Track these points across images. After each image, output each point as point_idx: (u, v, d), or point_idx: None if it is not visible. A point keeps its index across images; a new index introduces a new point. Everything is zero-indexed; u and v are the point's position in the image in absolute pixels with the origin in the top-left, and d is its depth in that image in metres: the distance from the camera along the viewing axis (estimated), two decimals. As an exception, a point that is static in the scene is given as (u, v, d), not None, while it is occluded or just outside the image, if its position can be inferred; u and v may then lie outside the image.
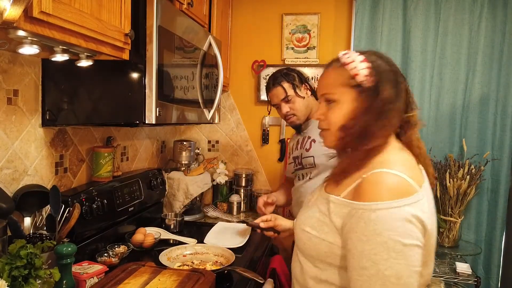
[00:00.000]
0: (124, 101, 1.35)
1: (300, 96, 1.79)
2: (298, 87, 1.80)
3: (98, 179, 1.66)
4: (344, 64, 0.96)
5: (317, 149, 1.73)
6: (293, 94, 1.78)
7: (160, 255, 1.53)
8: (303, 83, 1.82)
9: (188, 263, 1.55)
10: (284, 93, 1.78)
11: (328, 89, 0.98)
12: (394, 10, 2.39)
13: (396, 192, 0.83)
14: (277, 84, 1.81)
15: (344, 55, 0.98)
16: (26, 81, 1.34)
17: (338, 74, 0.97)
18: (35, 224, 1.36)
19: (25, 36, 0.92)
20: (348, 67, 0.94)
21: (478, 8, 2.31)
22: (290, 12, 2.59)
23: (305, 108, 1.80)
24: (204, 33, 1.79)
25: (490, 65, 2.32)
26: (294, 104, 1.79)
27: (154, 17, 1.30)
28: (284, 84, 1.79)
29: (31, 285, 0.97)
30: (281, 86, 1.79)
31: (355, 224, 0.84)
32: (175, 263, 1.53)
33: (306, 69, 2.57)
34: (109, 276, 1.26)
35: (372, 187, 0.86)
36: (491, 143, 2.34)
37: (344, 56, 0.97)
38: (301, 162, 1.81)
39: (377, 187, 0.85)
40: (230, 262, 1.50)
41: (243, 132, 2.74)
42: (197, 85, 1.71)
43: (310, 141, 1.79)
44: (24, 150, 1.35)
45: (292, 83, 1.79)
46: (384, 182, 0.86)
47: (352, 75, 0.94)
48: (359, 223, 0.83)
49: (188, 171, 2.32)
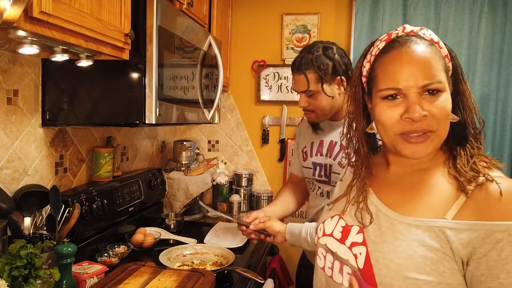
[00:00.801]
0: (124, 101, 1.35)
1: (327, 94, 1.38)
2: (328, 82, 1.37)
3: (98, 179, 1.66)
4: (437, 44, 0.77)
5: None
6: (318, 89, 1.38)
7: (160, 255, 1.53)
8: (338, 76, 1.38)
9: (188, 263, 1.55)
10: (306, 84, 1.38)
11: (432, 76, 0.73)
12: (394, 10, 2.39)
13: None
14: (301, 71, 1.39)
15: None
16: (26, 81, 1.34)
17: (439, 56, 0.76)
18: (35, 224, 1.36)
19: (25, 36, 0.92)
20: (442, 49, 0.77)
21: (478, 8, 2.31)
22: (290, 12, 2.59)
23: (329, 108, 1.42)
24: (204, 33, 1.79)
25: (490, 65, 2.32)
26: (316, 101, 1.40)
27: (154, 17, 1.30)
28: (310, 73, 1.37)
29: (31, 285, 0.97)
30: (304, 74, 1.38)
31: (499, 252, 0.64)
32: (175, 263, 1.53)
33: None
34: (109, 276, 1.26)
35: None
36: (491, 143, 2.34)
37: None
38: (328, 176, 1.46)
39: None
40: (230, 262, 1.50)
41: (243, 132, 2.74)
42: (197, 85, 1.71)
43: (333, 146, 1.45)
44: (24, 150, 1.35)
45: (321, 75, 1.36)
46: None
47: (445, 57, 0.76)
48: (508, 249, 0.63)
49: (188, 171, 2.32)
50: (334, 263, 0.84)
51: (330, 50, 1.40)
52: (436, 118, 0.72)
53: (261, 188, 2.70)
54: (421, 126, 0.72)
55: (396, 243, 0.73)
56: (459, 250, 0.67)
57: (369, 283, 0.75)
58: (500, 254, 0.64)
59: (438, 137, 0.73)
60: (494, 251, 0.65)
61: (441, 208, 0.71)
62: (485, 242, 0.65)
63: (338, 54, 1.40)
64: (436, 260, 0.69)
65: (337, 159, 1.44)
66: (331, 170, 1.45)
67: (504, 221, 0.65)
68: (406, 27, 0.80)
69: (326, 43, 1.43)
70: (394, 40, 0.78)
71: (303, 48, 1.45)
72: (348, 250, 0.81)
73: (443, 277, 0.68)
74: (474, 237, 0.66)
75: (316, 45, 1.41)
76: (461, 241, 0.67)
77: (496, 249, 0.64)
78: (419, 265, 0.70)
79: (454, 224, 0.69)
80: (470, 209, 0.69)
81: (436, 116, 0.72)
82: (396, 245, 0.73)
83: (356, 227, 0.81)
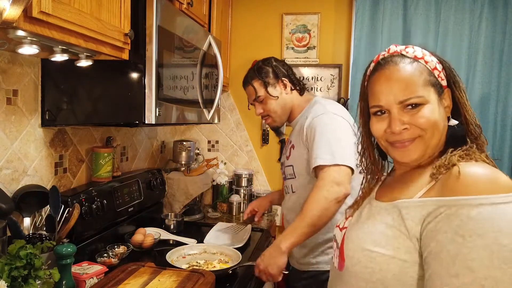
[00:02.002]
0: (123, 101, 1.35)
1: (273, 96, 1.55)
2: (271, 85, 1.56)
3: (98, 179, 1.66)
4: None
5: (296, 156, 1.52)
6: (264, 94, 1.56)
7: (167, 254, 1.52)
8: (279, 79, 1.56)
9: (193, 263, 1.54)
10: (254, 93, 1.58)
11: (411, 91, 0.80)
12: (394, 10, 2.39)
13: (502, 184, 0.68)
14: (247, 83, 1.60)
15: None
16: (25, 81, 1.33)
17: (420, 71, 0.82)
18: (34, 225, 1.36)
19: (24, 36, 0.92)
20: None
21: (478, 8, 2.31)
22: (290, 12, 2.59)
23: (280, 109, 1.58)
24: (204, 33, 1.79)
25: (491, 65, 2.32)
26: (267, 105, 1.57)
27: (153, 17, 1.30)
28: (255, 82, 1.57)
29: (30, 285, 0.97)
30: (251, 85, 1.58)
31: (445, 224, 0.68)
32: (181, 263, 1.52)
33: (306, 69, 2.57)
34: (108, 277, 1.26)
35: (469, 178, 0.70)
36: (491, 143, 2.33)
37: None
38: (284, 172, 1.62)
39: (477, 178, 0.70)
40: (235, 262, 1.50)
41: (243, 132, 2.74)
42: (197, 85, 1.71)
43: (290, 147, 1.57)
44: (24, 150, 1.34)
45: (264, 80, 1.55)
46: (485, 173, 0.71)
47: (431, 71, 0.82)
48: (453, 221, 0.67)
49: (188, 171, 2.32)
50: (336, 252, 0.93)
51: (268, 60, 1.61)
52: (420, 128, 0.79)
53: (261, 188, 2.70)
54: (402, 137, 0.80)
55: (365, 222, 0.84)
56: (412, 227, 0.73)
57: (341, 258, 0.86)
58: (436, 225, 0.69)
59: (424, 142, 0.80)
60: (433, 223, 0.70)
61: (413, 194, 0.78)
62: (429, 216, 0.71)
63: (275, 62, 1.61)
64: (391, 236, 0.75)
65: (285, 153, 1.61)
66: (284, 165, 1.60)
67: (452, 196, 0.69)
68: (391, 48, 0.86)
69: (265, 59, 1.65)
70: (379, 61, 0.86)
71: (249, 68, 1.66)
72: (340, 233, 0.93)
73: (398, 253, 0.74)
74: (424, 213, 0.72)
75: (256, 62, 1.64)
76: (413, 218, 0.73)
77: (435, 220, 0.69)
78: (376, 238, 0.78)
79: (406, 202, 0.76)
80: (433, 191, 0.75)
81: (420, 126, 0.79)
82: (364, 223, 0.84)
83: (350, 218, 0.93)
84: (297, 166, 1.51)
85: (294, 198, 1.53)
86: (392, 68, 0.82)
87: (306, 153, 1.46)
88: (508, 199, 0.66)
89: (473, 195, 0.67)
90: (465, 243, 0.65)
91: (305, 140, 1.47)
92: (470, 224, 0.65)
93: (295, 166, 1.52)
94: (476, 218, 0.65)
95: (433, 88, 0.80)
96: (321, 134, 1.40)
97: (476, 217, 0.65)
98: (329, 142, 1.37)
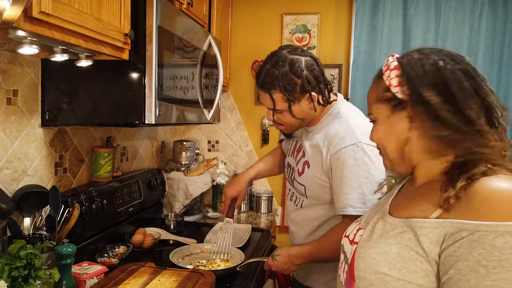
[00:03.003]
0: (123, 101, 1.35)
1: (295, 115, 1.29)
2: (296, 100, 1.26)
3: (98, 179, 1.66)
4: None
5: (310, 178, 1.32)
6: (285, 108, 1.28)
7: (170, 255, 1.52)
8: (307, 93, 1.25)
9: (195, 263, 1.54)
10: (271, 103, 1.29)
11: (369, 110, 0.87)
12: (394, 10, 2.39)
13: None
14: (265, 89, 1.27)
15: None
16: (25, 81, 1.33)
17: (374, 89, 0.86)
18: (34, 225, 1.36)
19: (24, 36, 0.92)
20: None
21: (478, 8, 2.31)
22: (290, 12, 2.59)
23: (299, 123, 1.34)
24: (204, 33, 1.79)
25: (491, 65, 2.32)
26: (285, 117, 1.32)
27: (153, 17, 1.30)
28: (275, 93, 1.26)
29: (30, 285, 0.97)
30: (269, 94, 1.27)
31: (466, 250, 0.62)
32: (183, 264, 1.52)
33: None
34: (109, 277, 1.26)
35: (496, 198, 0.63)
36: (491, 143, 2.34)
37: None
38: (293, 182, 1.44)
39: (505, 199, 0.63)
40: (238, 262, 1.50)
41: (243, 132, 2.74)
42: (197, 85, 1.71)
43: (304, 163, 1.36)
44: (24, 150, 1.34)
45: (288, 96, 1.25)
46: (511, 191, 0.63)
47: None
48: (475, 249, 0.61)
49: (188, 171, 2.32)
50: (343, 265, 0.88)
51: (298, 64, 1.23)
52: (377, 143, 0.84)
53: (261, 188, 2.70)
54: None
55: (379, 240, 0.76)
56: (431, 249, 0.67)
57: (351, 277, 0.80)
58: (456, 250, 0.63)
59: (385, 156, 0.83)
60: (452, 247, 0.64)
61: (430, 211, 0.71)
62: (449, 238, 0.65)
63: (307, 68, 1.25)
64: (408, 258, 0.69)
65: (298, 166, 1.39)
66: (294, 177, 1.41)
67: (475, 220, 0.63)
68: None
69: (293, 54, 1.26)
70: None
71: (267, 58, 1.29)
72: (350, 247, 0.86)
73: (414, 277, 0.68)
74: (442, 234, 0.66)
75: (281, 58, 1.25)
76: (430, 239, 0.67)
77: (455, 245, 0.64)
78: (391, 261, 0.71)
79: (421, 222, 0.70)
80: (454, 209, 0.67)
81: (376, 142, 0.84)
82: (378, 242, 0.76)
83: (362, 230, 0.86)
84: (310, 189, 1.34)
85: (301, 212, 1.40)
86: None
87: (325, 182, 1.30)
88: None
89: (499, 219, 0.60)
90: (488, 274, 0.59)
91: (326, 169, 1.27)
92: (495, 254, 0.59)
93: (307, 188, 1.34)
94: (502, 248, 0.59)
95: (386, 105, 0.78)
96: (352, 173, 1.20)
97: (502, 247, 0.59)
98: (361, 187, 1.20)
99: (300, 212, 1.41)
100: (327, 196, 1.31)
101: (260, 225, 2.25)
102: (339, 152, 1.23)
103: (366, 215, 0.92)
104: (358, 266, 0.78)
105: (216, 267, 1.49)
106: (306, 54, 1.28)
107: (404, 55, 0.79)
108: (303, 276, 1.46)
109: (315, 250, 1.29)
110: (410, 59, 0.76)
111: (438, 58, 0.74)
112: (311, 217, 1.37)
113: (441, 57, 0.74)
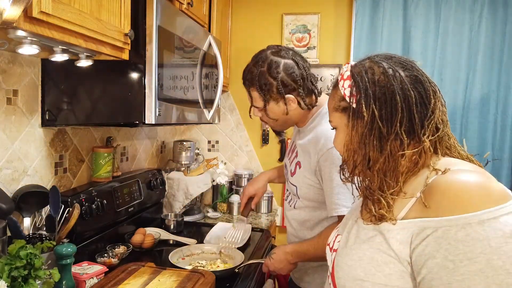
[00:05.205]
0: (123, 101, 1.35)
1: (271, 116, 1.31)
2: (273, 100, 1.27)
3: (98, 179, 1.66)
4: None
5: (301, 178, 1.33)
6: (261, 107, 1.30)
7: (170, 255, 1.52)
8: (284, 95, 1.25)
9: (195, 263, 1.54)
10: (250, 100, 1.34)
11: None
12: (394, 10, 2.40)
13: (487, 197, 0.62)
14: (245, 86, 1.34)
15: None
16: (25, 81, 1.33)
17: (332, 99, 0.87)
18: (34, 225, 1.36)
19: (24, 36, 0.92)
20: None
21: (478, 8, 2.31)
22: (290, 12, 2.59)
23: (283, 121, 1.34)
24: (204, 33, 1.79)
25: (491, 65, 2.32)
26: (266, 116, 1.34)
27: (153, 17, 1.30)
28: (253, 91, 1.29)
29: (30, 285, 0.97)
30: (248, 91, 1.33)
31: (433, 248, 0.62)
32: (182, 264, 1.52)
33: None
34: (109, 277, 1.26)
35: (451, 194, 0.64)
36: (491, 143, 2.34)
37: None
38: (287, 180, 1.45)
39: (458, 192, 0.63)
40: (238, 263, 1.50)
41: (243, 132, 2.74)
42: (197, 85, 1.71)
43: (296, 163, 1.36)
44: (24, 150, 1.34)
45: (264, 96, 1.26)
46: (466, 184, 0.64)
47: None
48: (441, 245, 0.61)
49: (188, 171, 2.32)
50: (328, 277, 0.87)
51: (275, 66, 1.24)
52: (339, 151, 0.85)
53: (261, 188, 2.70)
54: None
55: (353, 246, 0.77)
56: (400, 250, 0.67)
57: (334, 286, 0.80)
58: (424, 249, 0.64)
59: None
60: (420, 246, 0.64)
61: (396, 212, 0.71)
62: (416, 238, 0.65)
63: (284, 71, 1.24)
64: (381, 261, 0.70)
65: (290, 166, 1.40)
66: (287, 177, 1.42)
67: (436, 217, 0.63)
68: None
69: (275, 55, 1.26)
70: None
71: (253, 56, 1.32)
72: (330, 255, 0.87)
73: (390, 280, 0.68)
74: (409, 234, 0.67)
75: (262, 58, 1.26)
76: (400, 241, 0.68)
77: (422, 244, 0.64)
78: (366, 266, 0.71)
79: (388, 225, 0.70)
80: (415, 207, 0.69)
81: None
82: (352, 248, 0.77)
83: (340, 236, 0.86)
84: (301, 189, 1.34)
85: (295, 213, 1.41)
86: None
87: (315, 183, 1.30)
88: (497, 213, 0.59)
89: (459, 212, 0.61)
90: (457, 269, 0.60)
91: (315, 170, 1.28)
92: (460, 247, 0.60)
93: (299, 188, 1.35)
94: (464, 240, 0.60)
95: (343, 113, 0.80)
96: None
97: (464, 239, 0.60)
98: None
99: (294, 213, 1.41)
100: (318, 197, 1.31)
101: (260, 225, 2.25)
102: (327, 153, 1.22)
103: (343, 221, 0.91)
104: (337, 274, 0.79)
105: (216, 268, 1.48)
106: (289, 56, 1.26)
107: (357, 64, 0.80)
108: (298, 277, 1.46)
109: (311, 248, 1.28)
110: (362, 68, 0.77)
111: (388, 66, 0.75)
112: (303, 218, 1.37)
113: (391, 65, 0.75)
